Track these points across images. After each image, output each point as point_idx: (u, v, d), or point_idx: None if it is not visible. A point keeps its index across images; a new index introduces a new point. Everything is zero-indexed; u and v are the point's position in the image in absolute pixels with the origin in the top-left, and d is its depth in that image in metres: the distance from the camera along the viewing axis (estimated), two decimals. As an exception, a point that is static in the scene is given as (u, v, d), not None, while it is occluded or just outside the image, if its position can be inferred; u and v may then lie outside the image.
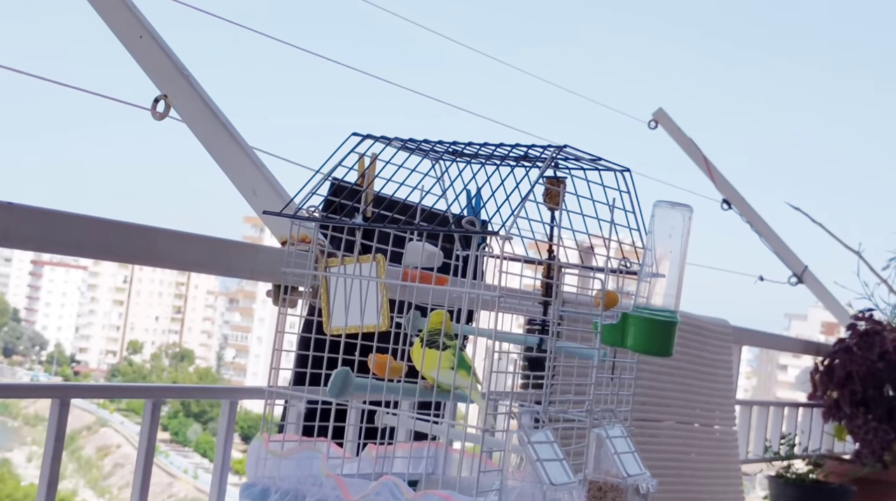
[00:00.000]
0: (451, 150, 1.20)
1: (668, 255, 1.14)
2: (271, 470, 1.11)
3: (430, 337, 1.11)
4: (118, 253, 1.08)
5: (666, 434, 2.05)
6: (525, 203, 1.06)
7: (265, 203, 1.28)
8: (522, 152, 1.16)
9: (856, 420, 2.67)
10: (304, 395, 1.12)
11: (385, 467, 1.18)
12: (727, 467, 2.21)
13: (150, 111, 1.29)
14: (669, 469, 2.03)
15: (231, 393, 1.30)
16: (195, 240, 1.16)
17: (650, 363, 1.97)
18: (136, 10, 1.30)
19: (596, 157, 1.15)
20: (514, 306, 1.19)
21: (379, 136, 1.17)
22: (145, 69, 1.30)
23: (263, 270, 1.23)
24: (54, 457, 1.05)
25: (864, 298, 3.07)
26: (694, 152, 3.08)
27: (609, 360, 1.19)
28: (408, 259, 1.20)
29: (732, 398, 2.30)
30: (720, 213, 3.12)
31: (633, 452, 1.18)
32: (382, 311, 1.13)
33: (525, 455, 1.04)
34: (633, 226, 1.18)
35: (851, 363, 2.66)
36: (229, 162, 1.30)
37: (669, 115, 3.06)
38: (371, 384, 1.09)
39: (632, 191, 1.18)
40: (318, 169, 1.13)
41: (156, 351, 50.07)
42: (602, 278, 1.13)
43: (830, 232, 3.25)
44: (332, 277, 1.14)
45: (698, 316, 2.21)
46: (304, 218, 1.11)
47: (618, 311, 1.11)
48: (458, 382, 1.08)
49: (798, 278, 3.18)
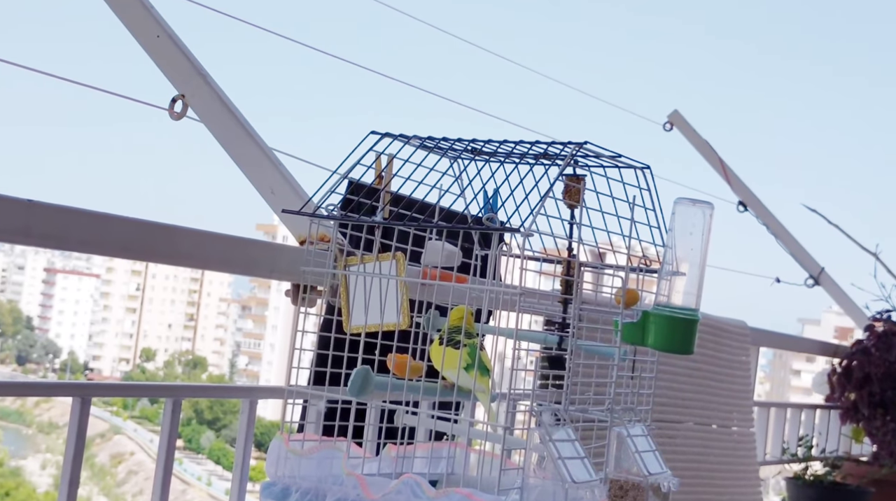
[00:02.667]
0: (469, 149, 1.19)
1: (688, 253, 1.14)
2: (292, 470, 1.10)
3: (449, 334, 1.10)
4: (139, 252, 1.08)
5: (684, 435, 2.03)
6: (545, 200, 1.05)
7: (283, 202, 1.28)
8: (542, 150, 1.15)
9: (874, 421, 2.65)
10: (325, 394, 1.11)
11: (405, 467, 1.17)
12: (745, 468, 2.19)
13: (168, 111, 1.29)
14: (688, 470, 2.02)
15: (250, 393, 1.30)
16: (216, 239, 1.16)
17: (669, 364, 1.96)
18: (154, 11, 1.30)
19: (616, 154, 1.14)
20: (533, 305, 1.18)
21: (397, 135, 1.17)
22: (163, 69, 1.30)
23: (283, 269, 1.23)
24: (76, 456, 1.05)
25: (882, 300, 3.05)
26: (709, 154, 3.07)
27: (629, 359, 1.18)
28: (427, 258, 1.20)
29: (750, 399, 2.29)
30: (736, 215, 3.11)
31: (654, 451, 1.17)
32: (402, 310, 1.12)
33: (546, 452, 1.04)
34: (654, 223, 1.18)
35: (869, 364, 2.65)
36: (247, 161, 1.30)
37: (685, 117, 3.05)
38: (391, 383, 1.08)
39: (652, 188, 1.17)
40: (337, 167, 1.13)
41: (169, 358, 50.20)
42: (623, 276, 1.12)
43: (847, 233, 3.23)
44: (351, 276, 1.13)
45: (716, 316, 2.20)
46: (323, 216, 1.11)
47: (638, 309, 1.10)
48: (471, 383, 1.07)
49: (815, 280, 3.16)
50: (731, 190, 3.09)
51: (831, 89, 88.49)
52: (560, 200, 1.17)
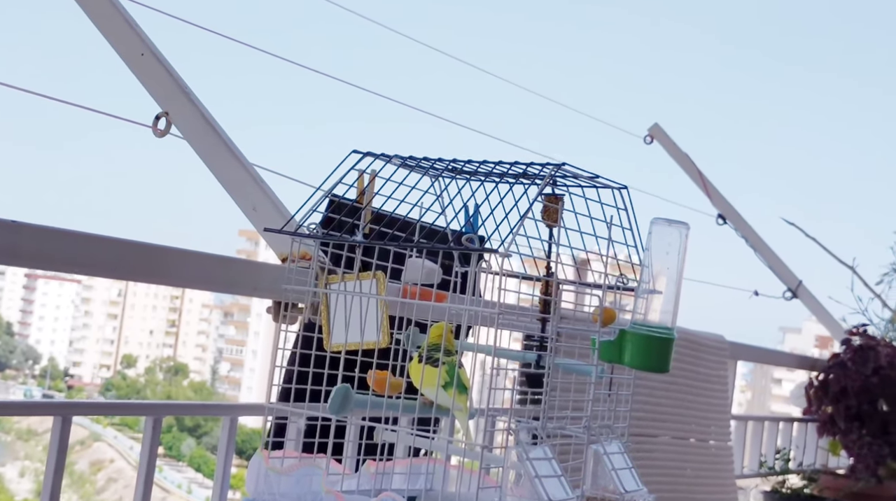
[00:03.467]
0: (450, 168, 1.21)
1: (664, 272, 1.15)
2: (271, 487, 1.11)
3: (428, 352, 1.11)
4: (123, 271, 1.09)
5: (662, 449, 2.05)
6: (524, 220, 1.07)
7: (265, 220, 1.29)
8: (521, 170, 1.17)
9: (850, 435, 2.68)
10: (305, 411, 1.12)
11: (384, 483, 1.18)
12: (722, 482, 2.21)
13: (152, 128, 1.30)
14: (665, 484, 2.04)
15: (231, 410, 1.31)
16: (197, 258, 1.17)
17: (646, 378, 1.97)
18: (138, 29, 1.31)
19: (594, 175, 1.16)
20: (512, 322, 1.20)
21: (379, 154, 1.18)
22: (147, 86, 1.31)
23: (265, 287, 1.24)
24: (56, 474, 1.06)
25: (858, 313, 3.09)
26: (689, 167, 3.10)
27: (606, 376, 1.19)
28: (407, 275, 1.21)
29: (728, 413, 2.31)
30: (715, 228, 3.13)
31: (630, 468, 1.18)
32: (382, 328, 1.13)
33: (523, 471, 1.05)
34: (631, 242, 1.19)
35: (846, 378, 2.67)
36: (230, 179, 1.31)
37: (665, 130, 3.07)
38: (371, 400, 1.09)
39: (629, 208, 1.19)
40: (319, 186, 1.14)
41: (150, 364, 49.92)
42: (600, 295, 1.14)
43: (825, 246, 3.27)
44: (332, 294, 1.15)
45: (694, 331, 2.22)
46: (304, 235, 1.12)
47: (615, 328, 1.12)
48: (449, 401, 1.08)
49: (793, 293, 3.19)
50: (710, 203, 3.12)
51: (811, 104, 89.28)
52: (539, 220, 1.19)
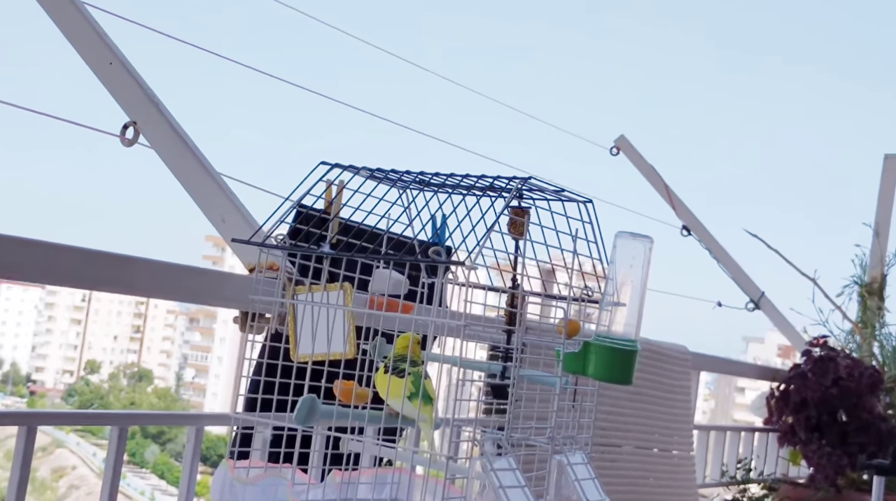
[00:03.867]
0: (417, 180, 1.22)
1: (628, 285, 1.17)
2: (237, 497, 1.11)
3: (394, 362, 1.12)
4: (86, 281, 1.09)
5: (625, 459, 2.07)
6: (490, 233, 1.08)
7: (234, 230, 1.29)
8: (488, 183, 1.18)
9: (810, 445, 2.71)
10: (271, 422, 1.13)
11: (350, 493, 1.19)
12: (684, 491, 2.24)
13: (119, 138, 1.29)
14: (628, 494, 2.06)
15: (197, 420, 1.30)
16: (163, 268, 1.17)
17: (611, 389, 2.00)
18: (107, 38, 1.31)
19: (559, 189, 1.18)
20: (478, 333, 1.21)
21: (347, 166, 1.19)
22: (115, 96, 1.31)
23: (231, 297, 1.24)
24: (20, 485, 1.05)
25: (819, 324, 3.14)
26: (655, 179, 3.13)
27: (571, 387, 1.21)
28: (374, 286, 1.22)
29: (690, 423, 2.34)
30: (680, 240, 3.17)
31: (593, 479, 1.20)
32: (349, 339, 1.14)
33: (487, 481, 1.06)
34: (596, 255, 1.21)
35: (806, 389, 2.71)
36: (198, 189, 1.31)
37: (631, 142, 3.11)
38: (337, 411, 1.10)
39: (594, 221, 1.20)
40: (287, 197, 1.15)
41: (114, 370, 49.38)
42: (564, 307, 1.15)
43: (787, 258, 3.32)
44: (299, 305, 1.15)
45: (658, 342, 2.25)
46: (272, 246, 1.13)
47: (580, 339, 1.13)
48: (414, 412, 1.09)
49: (755, 304, 3.24)
50: (675, 214, 3.16)
51: (774, 118, 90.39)
52: (505, 233, 1.20)
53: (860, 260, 3.28)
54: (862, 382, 2.71)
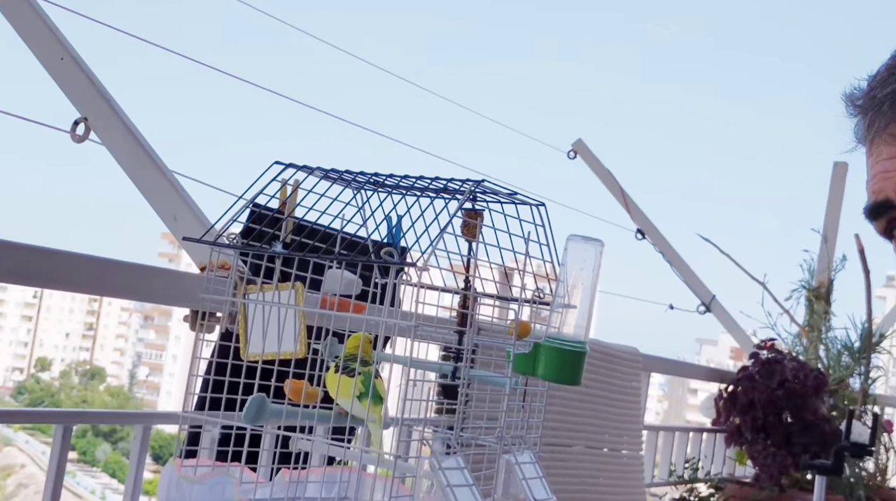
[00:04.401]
0: (371, 180, 1.23)
1: (579, 287, 1.18)
2: (184, 495, 1.11)
3: (345, 362, 1.13)
4: (32, 278, 1.08)
5: (576, 459, 2.10)
6: (443, 235, 1.09)
7: (185, 228, 1.29)
8: (442, 184, 1.19)
9: (756, 445, 2.76)
10: (219, 420, 1.13)
11: (298, 492, 1.19)
12: (633, 490, 2.27)
13: (70, 134, 1.28)
14: (579, 493, 2.08)
15: (144, 418, 1.30)
16: (112, 265, 1.16)
17: (562, 389, 2.02)
18: (58, 33, 1.30)
19: (512, 192, 1.19)
20: (430, 334, 1.22)
21: (301, 166, 1.19)
22: (66, 92, 1.30)
23: (182, 296, 1.23)
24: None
25: (768, 327, 3.20)
26: (611, 183, 3.17)
27: (521, 388, 1.22)
28: (327, 286, 1.23)
29: (640, 423, 2.37)
30: (634, 243, 3.21)
31: (540, 477, 1.21)
32: (300, 338, 1.15)
33: (435, 480, 1.07)
34: (547, 258, 1.22)
35: (753, 390, 2.76)
36: (150, 187, 1.30)
37: (588, 146, 3.14)
38: (286, 410, 1.10)
39: (546, 224, 1.22)
40: (240, 196, 1.14)
41: (65, 368, 48.63)
42: (516, 308, 1.17)
43: (737, 262, 3.37)
44: (250, 304, 1.15)
45: (609, 344, 2.27)
46: (223, 245, 1.13)
47: (530, 340, 1.14)
48: (363, 412, 1.10)
49: (706, 307, 3.29)
50: (630, 218, 3.20)
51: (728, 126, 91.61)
52: (459, 235, 1.21)
53: (808, 265, 3.35)
54: (807, 384, 2.76)
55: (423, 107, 70.76)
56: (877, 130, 0.73)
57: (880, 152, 0.74)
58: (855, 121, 0.76)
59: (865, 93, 0.75)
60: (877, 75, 0.75)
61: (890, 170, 0.73)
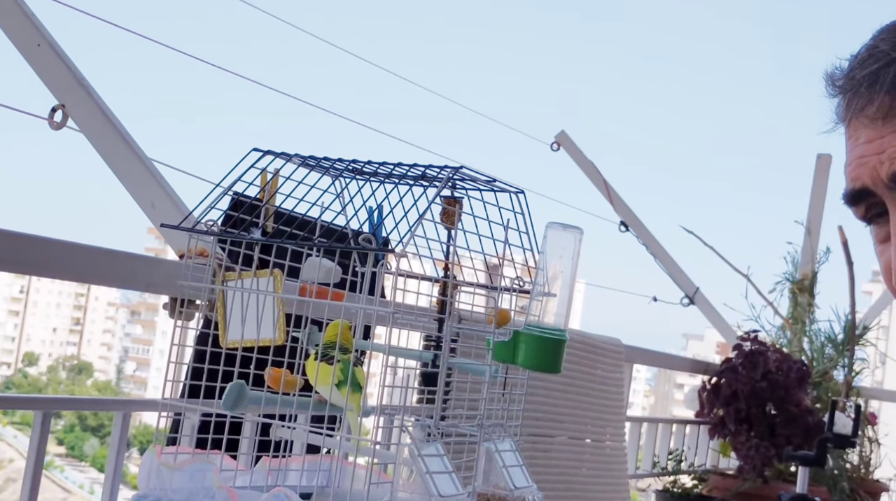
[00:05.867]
0: (351, 168, 1.22)
1: (559, 275, 1.18)
2: (163, 482, 1.11)
3: (324, 350, 1.12)
4: (11, 264, 1.07)
5: (558, 449, 2.10)
6: (422, 222, 1.09)
7: (164, 216, 1.28)
8: (420, 171, 1.19)
9: (739, 437, 2.77)
10: (199, 408, 1.12)
11: (279, 479, 1.19)
12: (616, 481, 2.27)
13: (48, 121, 1.27)
14: (561, 484, 2.09)
15: (124, 406, 1.29)
16: (91, 252, 1.16)
17: (544, 379, 2.02)
18: (35, 18, 1.29)
19: (491, 179, 1.19)
20: (410, 322, 1.22)
21: (280, 153, 1.19)
22: (43, 78, 1.29)
23: (160, 283, 1.23)
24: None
25: (752, 320, 3.21)
26: (594, 175, 3.17)
27: (501, 376, 1.22)
28: (306, 274, 1.22)
29: (623, 414, 2.38)
30: (618, 235, 3.21)
31: (521, 466, 1.21)
32: (279, 325, 1.14)
33: (415, 467, 1.07)
34: (527, 246, 1.22)
35: (737, 382, 2.77)
36: (128, 174, 1.30)
37: (571, 138, 3.14)
38: (266, 397, 1.10)
39: (526, 212, 1.22)
40: (219, 183, 1.14)
41: (53, 363, 48.45)
42: (495, 296, 1.16)
43: (721, 255, 3.38)
44: (229, 291, 1.15)
45: (592, 334, 2.28)
46: (202, 231, 1.12)
47: (510, 329, 1.14)
48: (341, 400, 1.10)
49: (690, 299, 3.29)
50: (613, 210, 3.20)
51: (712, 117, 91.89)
52: (438, 223, 1.21)
53: (792, 258, 3.36)
54: (790, 376, 2.78)
55: (406, 99, 70.75)
56: (854, 111, 0.74)
57: (858, 135, 0.74)
58: (835, 101, 0.77)
59: (845, 73, 0.75)
60: (857, 56, 0.75)
61: (866, 154, 0.73)
